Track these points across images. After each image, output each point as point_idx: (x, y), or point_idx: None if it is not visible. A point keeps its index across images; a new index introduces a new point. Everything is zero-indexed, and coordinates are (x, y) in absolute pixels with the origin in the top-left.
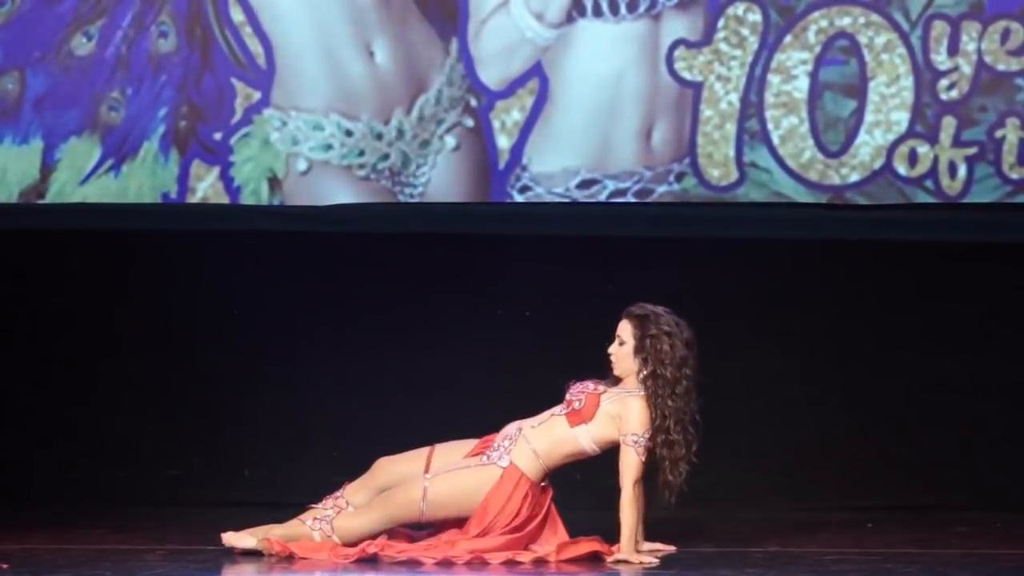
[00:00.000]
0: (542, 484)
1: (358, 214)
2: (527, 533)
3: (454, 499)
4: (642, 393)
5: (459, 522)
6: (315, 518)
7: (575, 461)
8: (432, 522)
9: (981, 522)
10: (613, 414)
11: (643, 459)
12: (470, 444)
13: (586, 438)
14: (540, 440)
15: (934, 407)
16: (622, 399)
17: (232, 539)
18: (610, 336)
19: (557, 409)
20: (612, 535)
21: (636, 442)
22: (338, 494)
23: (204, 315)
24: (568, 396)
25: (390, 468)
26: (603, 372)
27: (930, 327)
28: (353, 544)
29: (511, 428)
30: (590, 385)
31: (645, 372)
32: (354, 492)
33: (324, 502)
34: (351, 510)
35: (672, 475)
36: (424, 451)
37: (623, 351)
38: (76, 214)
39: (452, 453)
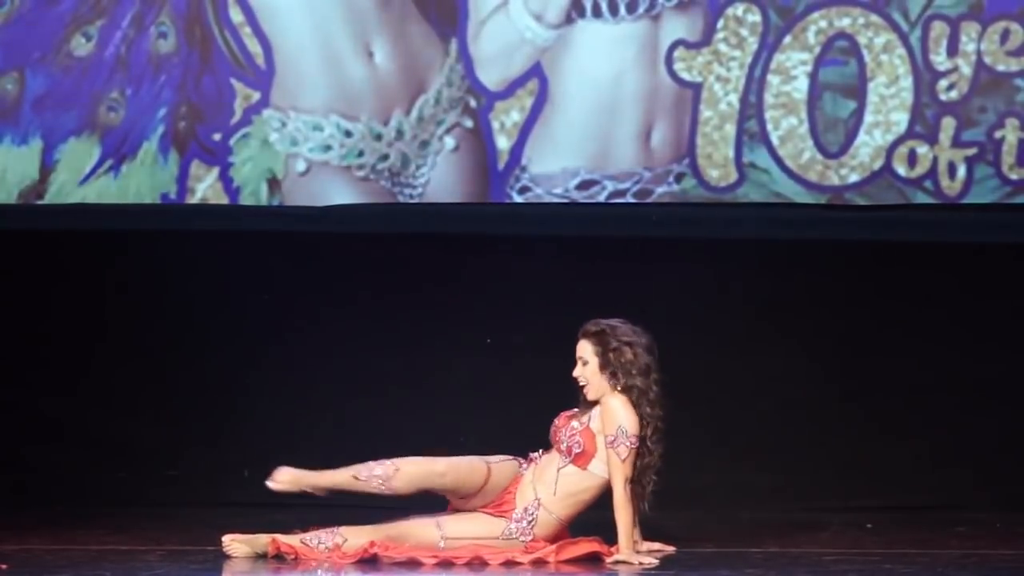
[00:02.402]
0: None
1: (357, 215)
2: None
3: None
4: (616, 392)
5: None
6: (326, 533)
7: (598, 494)
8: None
9: (981, 522)
10: (599, 429)
11: (625, 458)
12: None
13: (599, 467)
14: (560, 504)
15: (934, 407)
16: (598, 410)
17: (231, 544)
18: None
19: (559, 462)
20: (611, 535)
21: (612, 442)
22: (333, 529)
23: (204, 315)
24: (563, 445)
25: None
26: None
27: (930, 327)
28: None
29: (527, 489)
30: (575, 424)
31: (619, 386)
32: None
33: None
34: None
35: (642, 484)
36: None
37: (588, 371)
38: (75, 215)
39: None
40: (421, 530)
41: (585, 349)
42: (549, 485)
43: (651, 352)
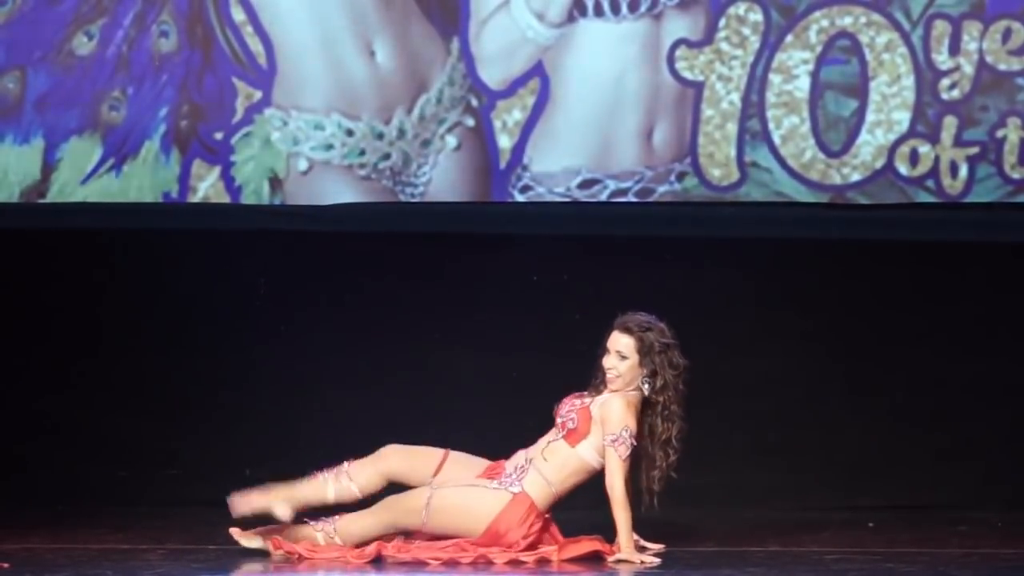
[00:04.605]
0: (547, 516)
1: (359, 214)
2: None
3: (457, 514)
4: (622, 392)
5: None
6: (321, 525)
7: (584, 481)
8: (431, 533)
9: (982, 522)
10: (597, 419)
11: (625, 458)
12: (481, 464)
13: (589, 452)
14: (549, 469)
15: (935, 407)
16: (602, 401)
17: (239, 536)
18: (601, 342)
19: (552, 435)
20: (610, 535)
21: (615, 441)
22: (342, 468)
23: (205, 314)
24: (559, 420)
25: (399, 458)
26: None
27: (930, 327)
28: (355, 547)
29: (519, 458)
30: (576, 402)
31: (657, 386)
32: (358, 471)
33: (325, 472)
34: (354, 487)
35: (659, 484)
36: (437, 453)
37: (625, 365)
38: (77, 214)
39: (463, 467)
40: (413, 494)
41: (625, 344)
42: (539, 451)
43: (684, 355)
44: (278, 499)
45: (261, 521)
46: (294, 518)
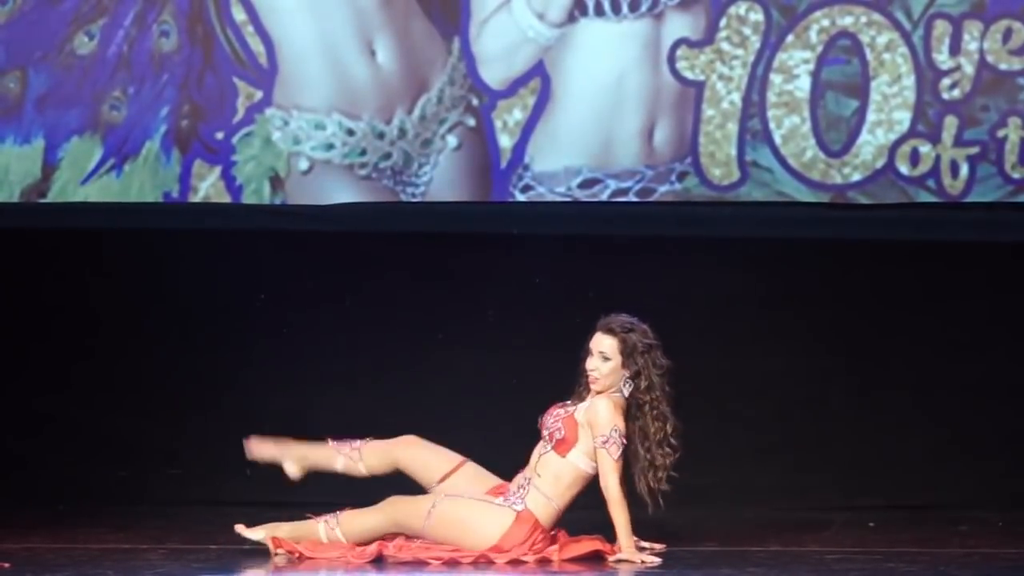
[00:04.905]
0: (552, 532)
1: (360, 213)
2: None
3: (457, 525)
4: (606, 394)
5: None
6: (324, 518)
7: (583, 489)
8: (431, 539)
9: (982, 521)
10: (584, 424)
11: (617, 457)
12: (492, 482)
13: (581, 459)
14: (546, 484)
15: (935, 407)
16: (587, 406)
17: (243, 530)
18: (584, 345)
19: (542, 448)
20: (612, 534)
21: (605, 442)
22: (357, 445)
23: (206, 313)
24: (545, 431)
25: (414, 451)
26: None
27: (931, 326)
28: (356, 544)
29: (520, 478)
30: (559, 411)
31: (642, 386)
32: (370, 452)
33: (338, 444)
34: (362, 467)
35: (661, 484)
36: (453, 459)
37: (607, 367)
38: (77, 214)
39: (473, 480)
40: (418, 499)
41: (608, 345)
42: (534, 468)
43: (666, 356)
44: (291, 457)
45: (262, 520)
46: (302, 478)
